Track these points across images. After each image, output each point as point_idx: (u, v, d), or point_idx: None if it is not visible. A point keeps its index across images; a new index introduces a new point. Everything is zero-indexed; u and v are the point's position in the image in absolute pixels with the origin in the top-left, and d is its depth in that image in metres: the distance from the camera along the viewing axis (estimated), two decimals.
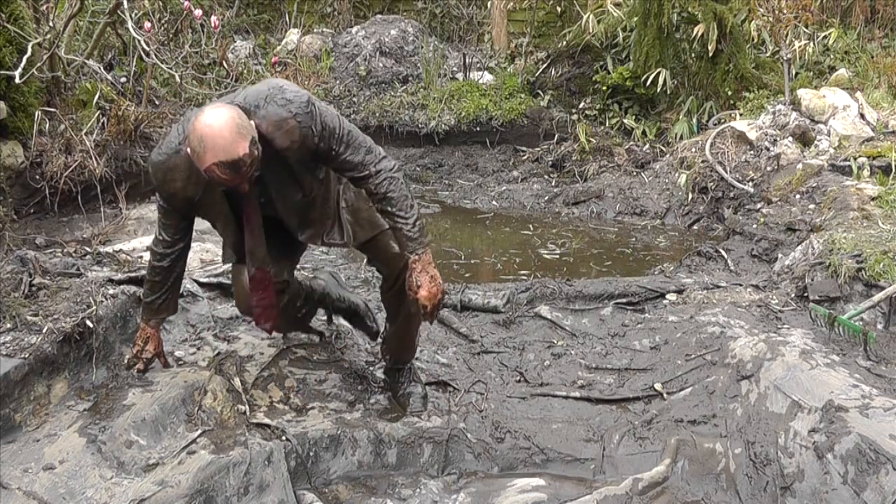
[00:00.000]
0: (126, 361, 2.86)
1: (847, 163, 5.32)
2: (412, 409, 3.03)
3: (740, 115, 6.59)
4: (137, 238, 4.45)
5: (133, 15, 5.23)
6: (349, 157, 2.54)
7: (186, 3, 5.68)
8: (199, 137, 2.32)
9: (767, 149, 5.88)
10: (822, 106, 6.01)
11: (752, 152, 5.98)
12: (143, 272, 3.26)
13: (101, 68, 5.84)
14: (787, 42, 6.42)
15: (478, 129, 7.87)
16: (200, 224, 2.79)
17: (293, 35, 8.66)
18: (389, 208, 2.57)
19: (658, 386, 3.26)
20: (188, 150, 2.38)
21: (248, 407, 2.79)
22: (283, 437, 2.72)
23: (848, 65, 7.26)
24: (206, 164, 2.33)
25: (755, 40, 7.53)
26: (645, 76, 7.31)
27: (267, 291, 2.69)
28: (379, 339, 3.30)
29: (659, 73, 7.20)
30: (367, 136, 2.62)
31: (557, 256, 5.29)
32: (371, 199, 2.63)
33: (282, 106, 2.44)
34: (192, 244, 2.89)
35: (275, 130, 2.43)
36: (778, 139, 5.93)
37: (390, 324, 3.09)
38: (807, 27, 7.05)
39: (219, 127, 2.31)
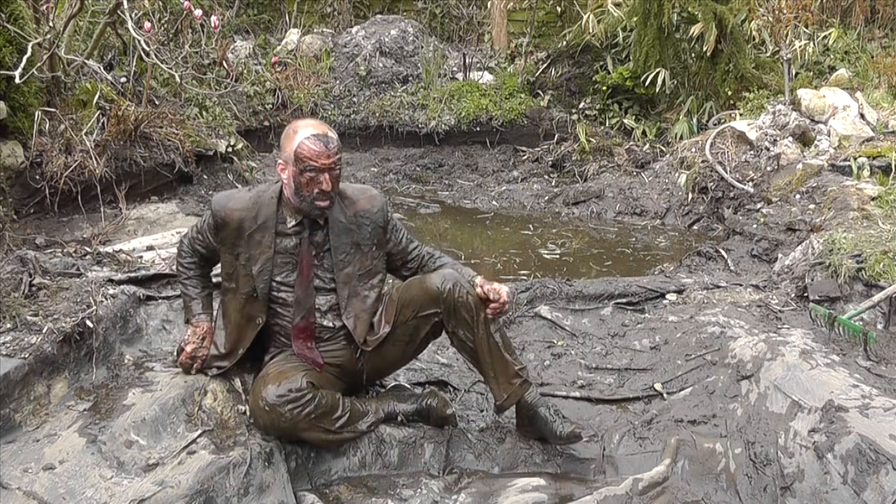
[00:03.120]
0: (179, 363, 2.82)
1: (847, 163, 5.32)
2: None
3: (740, 115, 6.59)
4: (137, 238, 4.44)
5: (133, 15, 5.23)
6: (407, 242, 2.95)
7: (186, 3, 5.68)
8: (294, 127, 2.69)
9: (767, 149, 5.88)
10: (822, 106, 6.01)
11: (752, 152, 5.98)
12: (143, 272, 3.28)
13: (101, 68, 5.84)
14: (787, 42, 6.42)
15: (478, 129, 7.87)
16: None
17: (293, 35, 8.66)
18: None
19: (658, 386, 3.26)
20: (282, 159, 2.68)
21: (248, 407, 2.79)
22: None
23: (848, 65, 7.26)
24: (298, 140, 2.62)
25: (755, 40, 7.53)
26: (645, 76, 7.32)
27: (309, 340, 2.79)
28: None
29: (659, 73, 7.21)
30: None
31: (557, 256, 5.29)
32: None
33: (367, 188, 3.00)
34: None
35: (360, 194, 2.86)
36: (778, 139, 5.93)
37: (478, 357, 2.85)
38: (807, 27, 7.06)
39: (312, 119, 2.83)
